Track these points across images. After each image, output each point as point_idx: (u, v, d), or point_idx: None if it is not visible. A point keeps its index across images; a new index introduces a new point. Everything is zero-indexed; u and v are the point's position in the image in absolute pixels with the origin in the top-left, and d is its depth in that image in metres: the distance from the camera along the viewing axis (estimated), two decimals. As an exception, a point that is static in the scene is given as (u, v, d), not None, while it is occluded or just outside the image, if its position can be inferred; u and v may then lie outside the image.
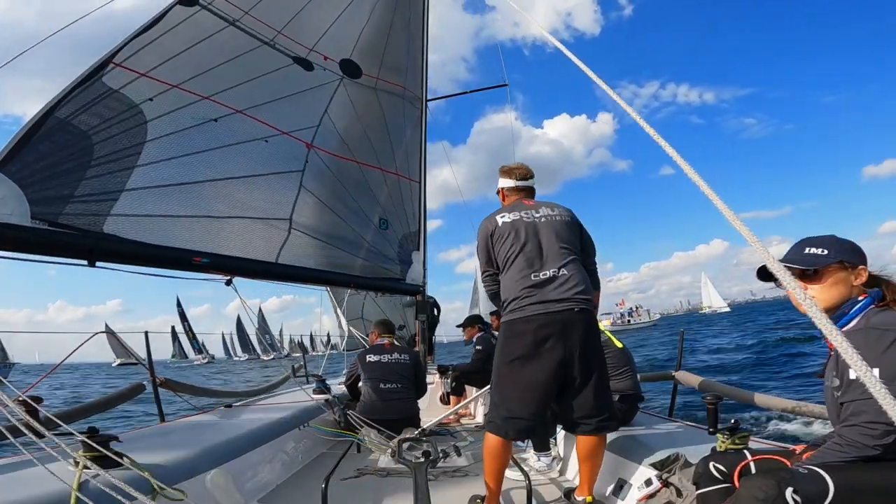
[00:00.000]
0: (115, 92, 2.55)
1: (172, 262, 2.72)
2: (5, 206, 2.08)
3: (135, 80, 2.64)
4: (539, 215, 2.21)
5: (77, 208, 2.34)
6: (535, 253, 2.12)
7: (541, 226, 2.19)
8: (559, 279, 2.08)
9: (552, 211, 2.25)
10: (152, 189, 2.68)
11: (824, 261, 1.34)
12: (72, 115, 2.35)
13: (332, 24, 3.94)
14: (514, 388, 2.07)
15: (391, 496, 2.48)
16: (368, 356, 3.84)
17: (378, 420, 3.46)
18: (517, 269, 2.13)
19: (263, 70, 3.41)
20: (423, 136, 5.30)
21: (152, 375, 3.23)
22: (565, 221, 2.23)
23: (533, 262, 2.11)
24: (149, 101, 2.70)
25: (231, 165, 3.14)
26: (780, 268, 0.73)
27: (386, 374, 3.76)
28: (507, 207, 2.31)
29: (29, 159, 2.18)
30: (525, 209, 2.24)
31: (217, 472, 2.11)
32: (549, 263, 2.11)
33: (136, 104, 2.64)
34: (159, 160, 2.73)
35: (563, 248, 2.15)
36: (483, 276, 2.34)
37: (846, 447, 1.19)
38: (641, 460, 2.20)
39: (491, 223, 2.25)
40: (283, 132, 3.50)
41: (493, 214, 2.29)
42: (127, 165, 2.57)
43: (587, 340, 2.06)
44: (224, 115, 3.10)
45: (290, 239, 3.46)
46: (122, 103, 2.58)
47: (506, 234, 2.19)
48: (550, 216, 2.22)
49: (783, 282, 0.73)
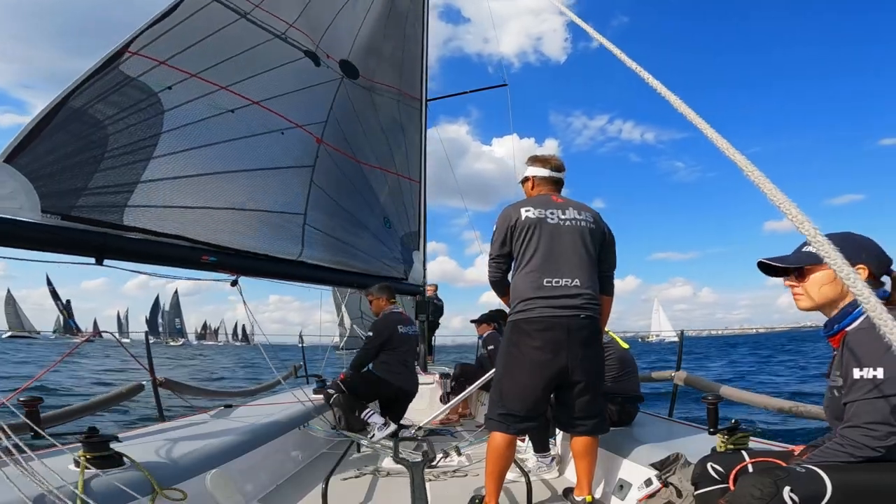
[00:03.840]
0: (133, 80, 2.50)
1: (180, 261, 2.70)
2: (14, 201, 2.03)
3: (154, 67, 2.59)
4: (565, 217, 2.15)
5: (90, 201, 2.29)
6: (552, 259, 2.09)
7: (564, 230, 2.13)
8: (571, 288, 2.07)
9: (579, 214, 2.18)
10: (168, 181, 2.65)
11: (813, 259, 1.33)
12: (88, 105, 2.30)
13: (331, 22, 3.93)
14: (513, 386, 2.10)
15: (391, 496, 2.48)
16: (400, 327, 3.80)
17: (401, 390, 3.73)
18: (530, 271, 2.10)
19: (277, 62, 3.39)
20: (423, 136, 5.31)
21: (152, 375, 3.23)
22: (590, 228, 2.17)
23: (548, 268, 2.08)
24: (168, 89, 2.66)
25: (248, 158, 3.12)
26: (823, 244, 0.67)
27: (412, 346, 3.92)
28: (534, 200, 2.24)
29: (40, 151, 2.13)
30: (552, 207, 2.17)
31: (217, 472, 2.11)
32: (565, 272, 2.08)
33: (155, 92, 2.60)
34: (175, 151, 2.69)
35: (582, 258, 2.12)
36: (490, 261, 2.26)
37: (848, 448, 1.18)
38: (641, 460, 2.20)
39: (514, 213, 2.17)
40: (298, 125, 3.49)
41: (519, 204, 2.21)
42: (143, 157, 2.53)
43: (589, 346, 2.09)
44: (241, 107, 3.08)
45: (305, 236, 3.46)
46: (141, 91, 2.53)
47: (526, 231, 2.12)
48: (576, 221, 2.16)
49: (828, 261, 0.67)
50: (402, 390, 3.82)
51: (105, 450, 1.67)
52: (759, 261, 1.42)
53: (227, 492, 2.11)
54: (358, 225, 4.16)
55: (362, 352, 3.80)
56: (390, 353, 3.74)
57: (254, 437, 2.66)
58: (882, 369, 1.15)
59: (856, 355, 1.21)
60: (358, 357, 3.82)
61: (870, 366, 1.17)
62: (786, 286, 1.41)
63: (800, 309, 1.40)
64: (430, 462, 2.73)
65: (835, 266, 0.67)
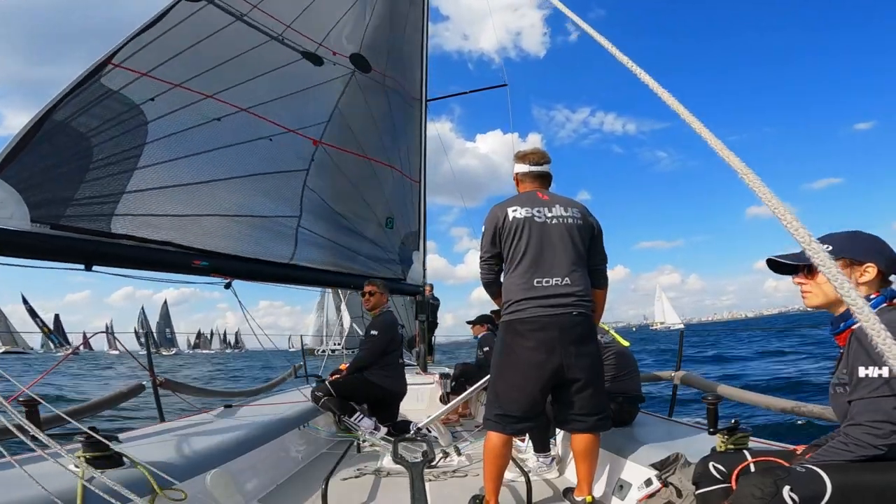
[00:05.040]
0: (115, 93, 2.53)
1: (171, 266, 2.71)
2: (4, 210, 2.07)
3: (135, 80, 2.62)
4: (552, 215, 2.14)
5: (78, 210, 2.34)
6: (541, 258, 2.09)
7: (552, 228, 2.12)
8: (562, 286, 2.07)
9: (566, 211, 2.17)
10: (153, 191, 2.67)
11: None
12: (70, 118, 2.35)
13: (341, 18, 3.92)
14: (510, 387, 2.09)
15: (391, 496, 2.48)
16: (400, 328, 3.79)
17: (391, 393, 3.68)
18: (521, 272, 2.10)
19: (270, 66, 3.38)
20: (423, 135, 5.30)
21: (152, 375, 3.23)
22: (577, 224, 2.16)
23: (538, 268, 2.08)
24: (150, 101, 2.69)
25: (236, 165, 3.12)
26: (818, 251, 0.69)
27: (401, 348, 3.85)
28: (520, 198, 2.23)
29: (27, 162, 2.18)
30: (538, 205, 2.16)
31: (217, 472, 2.11)
32: (555, 271, 2.08)
33: (137, 104, 2.63)
34: (160, 161, 2.72)
35: (571, 256, 2.11)
36: (482, 262, 2.25)
37: (851, 446, 1.18)
38: (641, 460, 2.20)
39: (501, 213, 2.16)
40: (290, 130, 3.48)
41: (505, 204, 2.20)
42: (127, 168, 2.57)
43: (583, 344, 2.09)
44: (228, 115, 3.08)
45: (298, 239, 3.46)
46: (122, 104, 2.57)
47: (513, 232, 2.12)
48: (563, 218, 2.15)
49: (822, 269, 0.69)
50: (392, 393, 3.78)
51: (105, 450, 1.67)
52: (769, 259, 1.42)
53: (227, 492, 2.11)
54: (355, 226, 4.15)
55: (367, 351, 3.66)
56: (385, 356, 3.71)
57: (254, 437, 2.66)
58: (887, 368, 1.15)
59: (862, 354, 1.21)
60: (363, 357, 3.68)
61: (875, 364, 1.17)
62: (795, 283, 1.41)
63: (808, 306, 1.40)
64: (429, 462, 2.73)
65: (828, 274, 0.68)
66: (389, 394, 3.76)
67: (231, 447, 2.38)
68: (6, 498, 1.36)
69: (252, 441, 2.60)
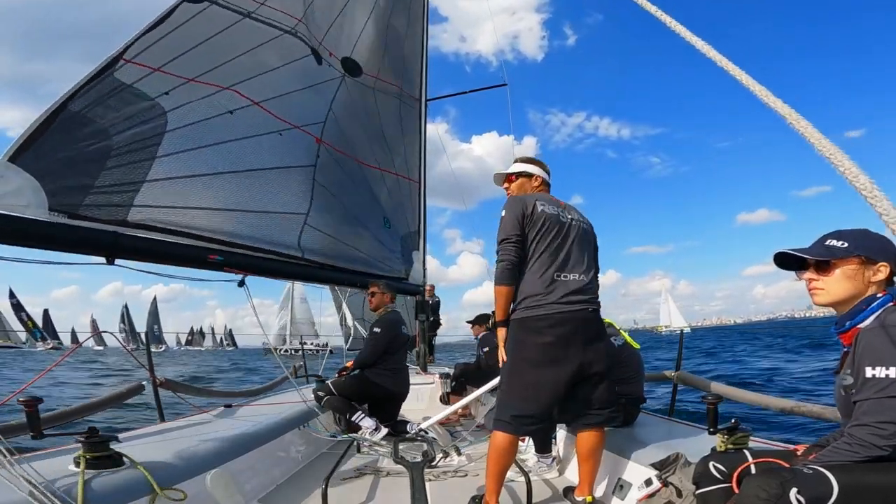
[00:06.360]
0: (128, 87, 2.51)
1: (187, 260, 2.70)
2: (21, 197, 1.99)
3: (148, 74, 2.60)
4: (571, 217, 2.22)
5: (98, 199, 2.28)
6: (565, 254, 2.12)
7: (573, 229, 2.19)
8: (580, 282, 2.11)
9: (580, 217, 2.27)
10: (174, 180, 2.65)
11: (840, 253, 1.31)
12: (87, 108, 2.31)
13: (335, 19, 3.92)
14: (527, 387, 2.07)
15: (391, 496, 2.48)
16: (402, 328, 3.79)
17: (392, 393, 3.69)
18: (543, 265, 2.09)
19: (282, 61, 3.37)
20: (423, 135, 5.30)
21: (152, 375, 3.23)
22: (589, 230, 2.28)
23: (561, 263, 2.11)
24: (164, 94, 2.67)
25: (247, 159, 3.10)
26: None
27: (406, 348, 3.91)
28: (542, 197, 2.24)
29: (44, 150, 2.11)
30: (559, 207, 2.22)
31: (217, 472, 2.11)
32: (576, 268, 2.13)
33: (152, 98, 2.61)
34: (179, 151, 2.70)
35: (587, 256, 2.20)
36: (505, 244, 2.09)
37: (856, 447, 1.17)
38: (641, 460, 2.20)
39: (529, 202, 2.14)
40: (295, 126, 3.48)
41: (531, 196, 2.20)
42: (147, 156, 2.54)
43: (599, 339, 2.16)
44: (240, 108, 3.07)
45: (306, 235, 3.45)
46: (137, 97, 2.54)
47: (541, 223, 2.11)
48: (580, 222, 2.24)
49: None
50: (393, 393, 3.78)
51: (105, 450, 1.67)
52: (778, 252, 1.39)
53: (227, 492, 2.11)
54: (358, 224, 4.15)
55: (369, 350, 3.68)
56: (388, 355, 3.71)
57: (254, 436, 2.66)
58: (894, 368, 1.14)
59: (868, 353, 1.20)
60: (365, 356, 3.70)
61: (882, 364, 1.17)
62: (802, 279, 1.38)
63: (816, 304, 1.39)
64: (430, 462, 2.73)
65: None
66: (391, 394, 3.76)
67: (231, 447, 2.38)
68: (6, 498, 1.36)
69: (252, 441, 2.60)
